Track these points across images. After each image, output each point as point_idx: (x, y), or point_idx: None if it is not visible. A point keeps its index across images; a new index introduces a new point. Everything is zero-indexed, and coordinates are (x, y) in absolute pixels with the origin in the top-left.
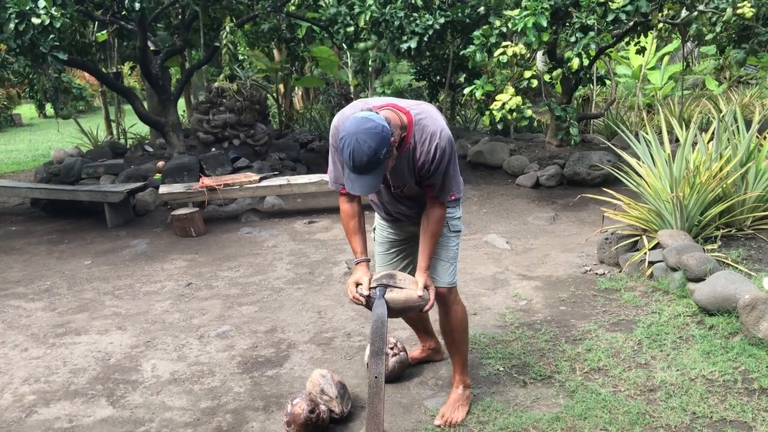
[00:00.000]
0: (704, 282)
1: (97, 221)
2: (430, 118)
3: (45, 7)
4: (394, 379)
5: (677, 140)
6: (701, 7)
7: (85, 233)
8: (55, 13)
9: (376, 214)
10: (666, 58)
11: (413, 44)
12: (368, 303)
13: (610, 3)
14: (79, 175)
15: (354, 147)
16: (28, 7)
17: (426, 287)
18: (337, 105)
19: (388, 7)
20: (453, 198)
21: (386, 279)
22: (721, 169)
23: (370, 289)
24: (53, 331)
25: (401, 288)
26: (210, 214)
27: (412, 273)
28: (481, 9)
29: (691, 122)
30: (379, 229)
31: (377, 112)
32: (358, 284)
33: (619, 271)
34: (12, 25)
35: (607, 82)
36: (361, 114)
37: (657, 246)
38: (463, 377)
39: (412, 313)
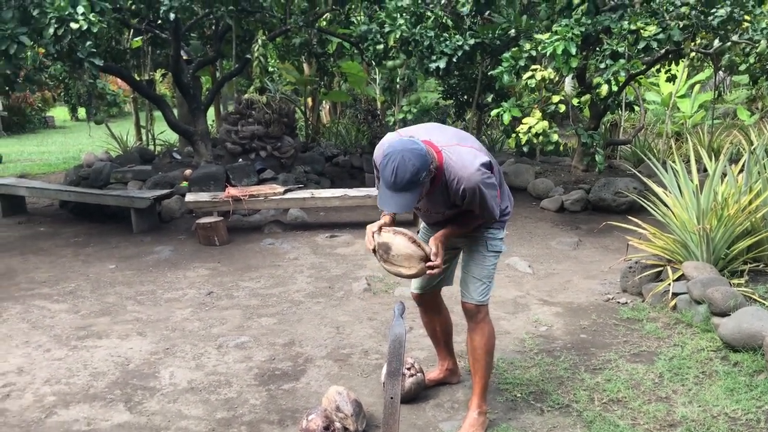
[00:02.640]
0: (729, 317)
1: (123, 226)
2: (459, 163)
3: (84, 13)
4: (410, 400)
5: (705, 170)
6: (735, 38)
7: (110, 237)
8: (93, 19)
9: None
10: (697, 87)
11: (442, 64)
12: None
13: (642, 31)
14: (108, 180)
15: (399, 163)
16: (67, 13)
17: (436, 253)
18: (364, 120)
19: (418, 27)
20: (496, 220)
21: (382, 251)
22: (750, 203)
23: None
24: (75, 333)
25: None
26: (234, 224)
27: (440, 285)
28: (512, 32)
29: (720, 152)
30: (423, 231)
31: None
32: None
33: (642, 301)
34: (51, 30)
35: (636, 108)
36: (407, 138)
37: (681, 277)
38: (480, 402)
39: (416, 272)
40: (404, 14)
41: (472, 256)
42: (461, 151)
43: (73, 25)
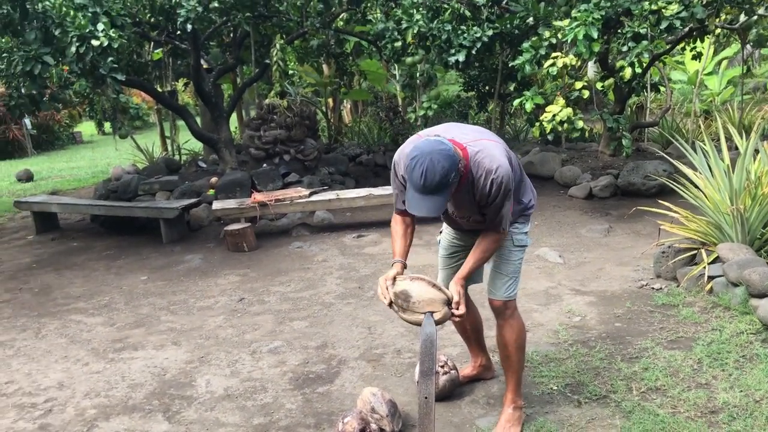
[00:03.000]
0: None
1: (153, 236)
2: (486, 154)
3: (104, 29)
4: (445, 397)
5: (736, 148)
6: (761, 11)
7: (141, 249)
8: (113, 35)
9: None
10: (724, 63)
11: (461, 57)
12: (389, 305)
13: (663, 10)
14: (136, 192)
15: (428, 166)
16: (87, 30)
17: (459, 295)
18: (386, 118)
19: (435, 21)
20: (503, 231)
21: (403, 300)
22: None
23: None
24: (112, 345)
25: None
26: (261, 229)
27: (467, 283)
28: (530, 20)
29: (751, 129)
30: (445, 233)
31: None
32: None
33: (677, 286)
34: (73, 48)
35: (662, 88)
36: (434, 138)
37: (716, 260)
38: (515, 397)
39: (440, 318)
40: (420, 9)
41: (499, 252)
42: (487, 145)
43: (95, 42)
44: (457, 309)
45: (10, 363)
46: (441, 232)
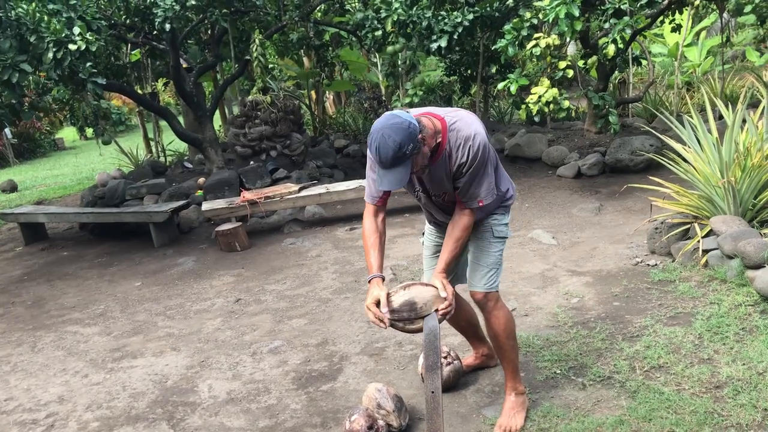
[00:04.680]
0: (764, 269)
1: (144, 241)
2: (464, 123)
3: (80, 33)
4: (450, 388)
5: (721, 117)
6: None
7: (133, 254)
8: (91, 38)
9: (426, 220)
10: (703, 33)
11: (443, 43)
12: (391, 325)
13: None
14: (123, 197)
15: (380, 142)
16: (64, 35)
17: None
18: (370, 108)
19: (414, 8)
20: (480, 204)
21: (408, 310)
22: None
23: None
24: (110, 355)
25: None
26: (253, 227)
27: (453, 282)
28: (510, 2)
29: (734, 98)
30: (427, 233)
31: None
32: (377, 303)
33: (672, 261)
34: (51, 54)
35: (643, 62)
36: (390, 112)
37: (710, 233)
38: (514, 383)
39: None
40: None
41: (478, 244)
42: (465, 115)
43: (72, 47)
44: (447, 295)
45: (8, 379)
46: (423, 234)
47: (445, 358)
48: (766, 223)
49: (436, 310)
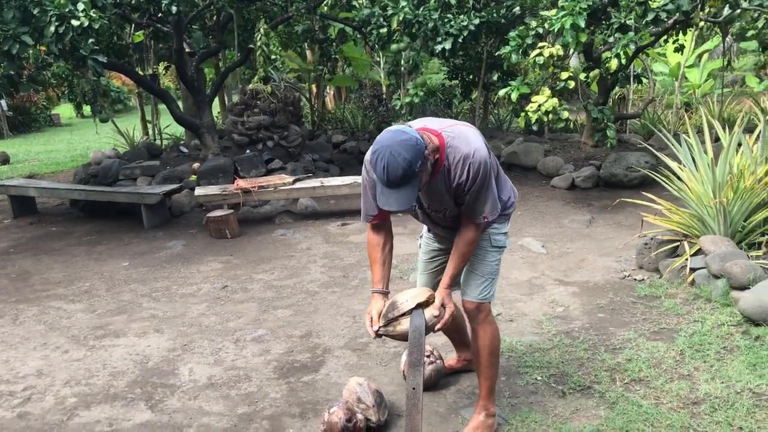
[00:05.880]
0: (749, 291)
1: (134, 222)
2: (462, 139)
3: (84, 9)
4: (431, 387)
5: (717, 139)
6: (745, 5)
7: (122, 234)
8: (94, 15)
9: (423, 225)
10: (705, 56)
11: (448, 45)
12: (381, 333)
13: (650, 2)
14: (117, 177)
15: (389, 160)
16: (67, 10)
17: (443, 305)
18: (370, 105)
19: (421, 8)
20: (486, 221)
21: (390, 311)
22: (766, 174)
23: (378, 329)
24: (93, 333)
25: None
26: (244, 216)
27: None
28: (517, 9)
29: (731, 122)
30: (425, 238)
31: None
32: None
33: (659, 278)
34: (52, 28)
35: (644, 80)
36: (395, 127)
37: (698, 252)
38: (486, 403)
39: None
40: None
41: (475, 253)
42: (463, 130)
43: (74, 23)
44: (444, 311)
45: None
46: (421, 236)
47: (428, 357)
48: (754, 246)
49: (420, 305)
